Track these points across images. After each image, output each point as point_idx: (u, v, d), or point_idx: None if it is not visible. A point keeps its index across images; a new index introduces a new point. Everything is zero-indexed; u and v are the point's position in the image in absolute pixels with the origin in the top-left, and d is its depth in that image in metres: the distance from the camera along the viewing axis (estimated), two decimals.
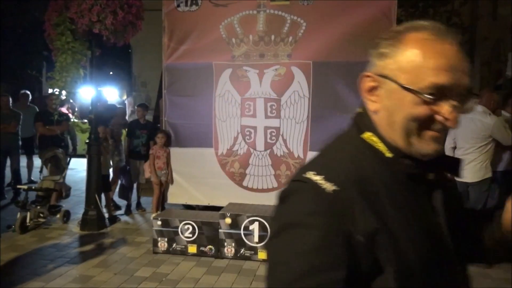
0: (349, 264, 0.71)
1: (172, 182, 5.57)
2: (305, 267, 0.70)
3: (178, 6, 5.45)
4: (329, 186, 0.76)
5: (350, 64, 5.00)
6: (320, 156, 0.90)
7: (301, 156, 5.20)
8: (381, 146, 0.84)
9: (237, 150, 5.40)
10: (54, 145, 5.68)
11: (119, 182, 6.07)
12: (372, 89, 0.87)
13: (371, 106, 0.87)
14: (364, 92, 0.89)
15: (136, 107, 6.32)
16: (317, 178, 0.78)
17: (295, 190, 0.80)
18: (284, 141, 5.24)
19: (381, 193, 0.78)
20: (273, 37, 5.21)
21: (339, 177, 0.78)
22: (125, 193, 6.06)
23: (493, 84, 10.34)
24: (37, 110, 7.07)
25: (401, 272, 0.74)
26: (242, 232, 4.22)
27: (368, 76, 0.90)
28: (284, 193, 0.81)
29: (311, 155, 5.40)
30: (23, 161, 7.17)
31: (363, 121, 0.89)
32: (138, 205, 6.19)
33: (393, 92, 0.82)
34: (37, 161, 6.62)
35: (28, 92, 7.39)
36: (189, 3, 5.42)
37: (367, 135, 0.87)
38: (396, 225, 0.76)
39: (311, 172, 0.79)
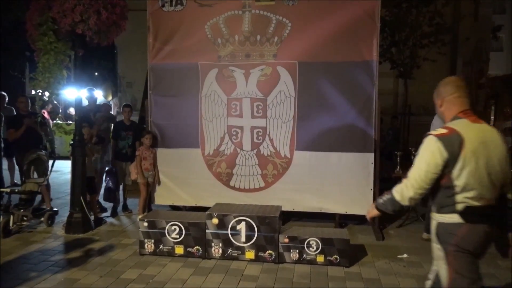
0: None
1: (159, 183, 5.54)
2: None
3: (163, 5, 5.43)
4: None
5: (335, 64, 5.06)
6: None
7: (288, 155, 5.22)
8: None
9: (224, 150, 5.40)
10: (34, 147, 5.58)
11: (105, 184, 5.99)
12: None
13: None
14: None
15: (122, 107, 6.25)
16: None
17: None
18: (271, 140, 5.25)
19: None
20: (258, 37, 5.23)
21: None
22: (111, 195, 5.99)
23: (476, 82, 10.53)
24: (14, 111, 6.93)
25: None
26: (229, 232, 4.22)
27: None
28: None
29: (298, 154, 5.49)
30: (4, 163, 7.03)
31: None
32: (125, 206, 6.13)
33: None
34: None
35: (5, 94, 7.24)
36: (174, 3, 5.39)
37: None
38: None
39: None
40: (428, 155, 2.17)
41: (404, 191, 2.26)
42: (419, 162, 2.22)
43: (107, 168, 6.02)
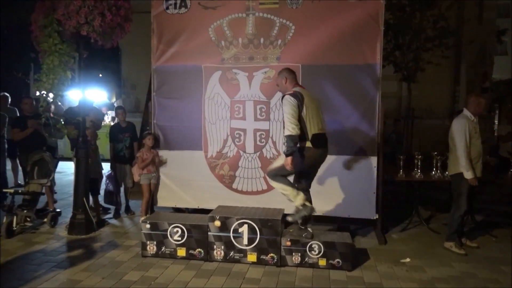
0: None
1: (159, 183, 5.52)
2: None
3: (167, 8, 5.44)
4: None
5: (338, 66, 5.05)
6: None
7: None
8: None
9: (227, 152, 5.40)
10: (38, 148, 5.60)
11: (105, 188, 6.00)
12: None
13: None
14: None
15: (115, 110, 6.21)
16: None
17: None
18: (274, 143, 5.25)
19: None
20: (262, 40, 5.23)
21: None
22: (111, 198, 6.00)
23: (480, 86, 10.50)
24: (17, 112, 6.97)
25: None
26: (231, 234, 4.21)
27: None
28: None
29: None
30: (8, 164, 7.07)
31: None
32: (127, 208, 6.14)
33: None
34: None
35: (7, 95, 7.28)
36: (178, 5, 5.41)
37: None
38: None
39: None
40: (289, 105, 3.88)
41: (288, 127, 3.86)
42: (286, 111, 3.88)
43: (107, 172, 6.02)
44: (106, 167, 6.09)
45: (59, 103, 7.26)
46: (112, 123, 9.31)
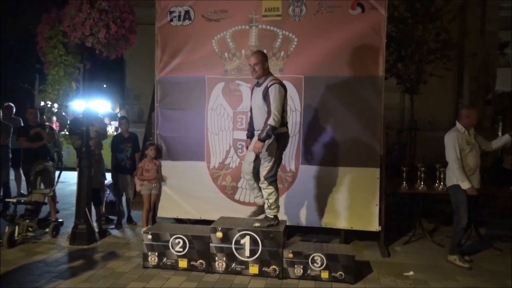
0: None
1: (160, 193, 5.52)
2: None
3: (171, 20, 5.51)
4: None
5: (341, 78, 5.08)
6: None
7: (293, 169, 5.21)
8: None
9: (229, 163, 5.40)
10: (41, 158, 5.62)
11: (106, 198, 5.99)
12: None
13: None
14: None
15: (118, 120, 6.26)
16: None
17: None
18: None
19: None
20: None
21: None
22: (113, 209, 6.00)
23: (482, 98, 10.49)
24: (22, 122, 7.02)
25: None
26: (233, 246, 4.19)
27: None
28: None
29: (303, 168, 5.47)
30: (11, 174, 7.09)
31: None
32: (129, 219, 6.13)
33: None
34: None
35: (12, 105, 7.34)
36: (182, 17, 5.47)
37: None
38: None
39: None
40: (279, 95, 4.02)
41: (275, 118, 3.96)
42: (274, 99, 3.99)
43: (107, 182, 6.03)
44: (109, 177, 6.10)
45: (63, 114, 7.31)
46: (115, 133, 9.35)
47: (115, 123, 12.05)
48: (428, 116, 10.29)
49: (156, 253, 4.32)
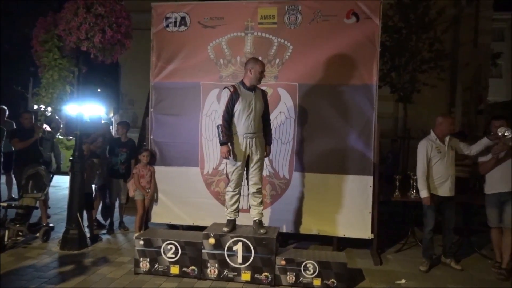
0: None
1: (156, 200, 5.51)
2: None
3: (167, 26, 5.52)
4: None
5: (335, 86, 5.11)
6: None
7: (287, 176, 5.21)
8: None
9: (223, 169, 5.39)
10: (33, 161, 5.58)
11: (102, 201, 5.96)
12: None
13: None
14: None
15: (116, 125, 6.26)
16: None
17: None
18: (270, 161, 5.25)
19: None
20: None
21: None
22: (108, 212, 5.96)
23: (475, 108, 10.60)
24: (14, 126, 6.97)
25: None
26: (225, 252, 4.18)
27: None
28: None
29: (297, 175, 5.48)
30: (2, 177, 7.02)
31: None
32: (121, 224, 6.09)
33: None
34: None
35: (5, 108, 7.29)
36: (178, 23, 5.49)
37: None
38: None
39: None
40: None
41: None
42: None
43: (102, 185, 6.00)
44: None
45: (57, 117, 7.26)
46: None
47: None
48: (421, 125, 10.36)
49: (148, 259, 4.29)
